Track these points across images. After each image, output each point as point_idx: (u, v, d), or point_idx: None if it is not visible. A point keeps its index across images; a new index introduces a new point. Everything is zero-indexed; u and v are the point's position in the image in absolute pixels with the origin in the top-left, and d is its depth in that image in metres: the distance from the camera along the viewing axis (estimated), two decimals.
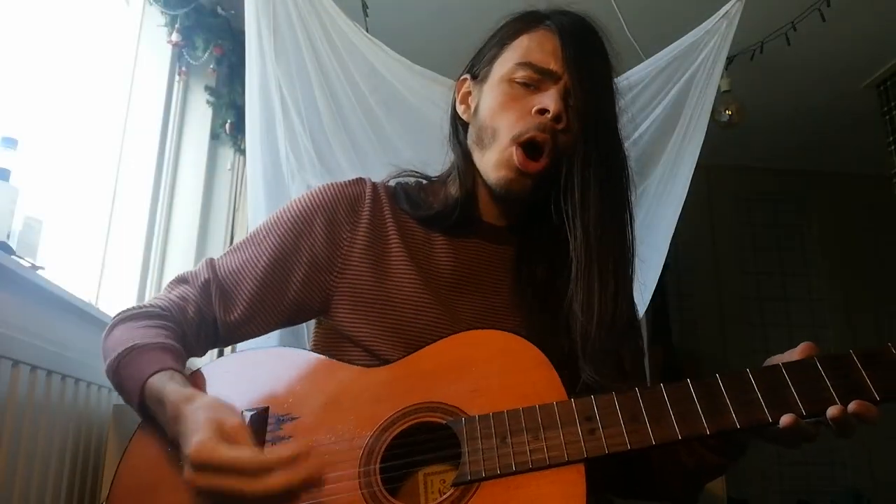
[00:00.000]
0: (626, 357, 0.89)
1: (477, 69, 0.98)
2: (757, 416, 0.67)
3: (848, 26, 2.85)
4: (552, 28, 0.92)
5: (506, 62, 0.93)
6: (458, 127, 1.00)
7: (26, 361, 1.26)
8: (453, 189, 0.97)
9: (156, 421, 0.80)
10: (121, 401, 1.69)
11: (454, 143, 1.00)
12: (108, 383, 1.66)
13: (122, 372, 0.83)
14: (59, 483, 1.39)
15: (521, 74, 0.90)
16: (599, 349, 0.82)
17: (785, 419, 0.66)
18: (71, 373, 1.46)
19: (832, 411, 0.65)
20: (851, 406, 0.65)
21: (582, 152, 0.86)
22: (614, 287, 0.85)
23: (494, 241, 0.97)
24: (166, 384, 0.79)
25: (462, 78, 1.01)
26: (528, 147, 0.89)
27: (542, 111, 0.87)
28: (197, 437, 0.70)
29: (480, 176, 0.94)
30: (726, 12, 2.03)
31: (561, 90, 0.88)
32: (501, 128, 0.90)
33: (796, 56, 2.92)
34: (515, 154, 0.88)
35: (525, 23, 0.95)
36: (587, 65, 0.88)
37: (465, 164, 0.96)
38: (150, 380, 0.80)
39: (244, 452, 0.69)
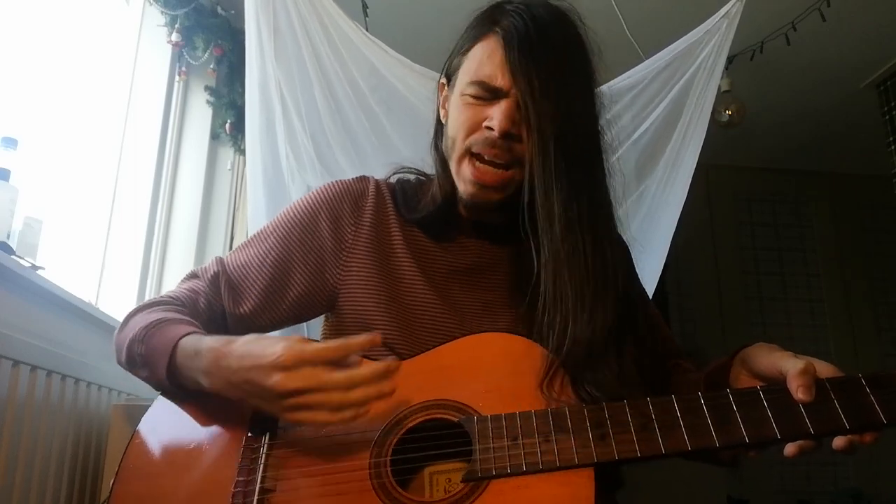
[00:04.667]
0: (625, 363, 0.84)
1: (449, 73, 0.98)
2: (766, 434, 0.69)
3: (848, 26, 2.85)
4: (500, 36, 0.88)
5: (463, 75, 0.92)
6: (439, 132, 1.00)
7: (26, 361, 1.27)
8: (437, 191, 0.97)
9: (182, 389, 0.81)
10: (121, 400, 1.72)
11: (433, 147, 1.01)
12: (108, 383, 1.68)
13: (150, 342, 0.82)
14: (59, 483, 1.39)
15: (472, 91, 0.89)
16: (581, 366, 0.79)
17: (790, 449, 0.70)
18: (71, 373, 1.46)
19: (838, 442, 0.68)
20: (848, 438, 0.68)
21: (541, 166, 0.83)
22: (589, 311, 0.81)
23: (489, 238, 0.97)
24: (202, 338, 0.80)
25: (441, 82, 1.00)
26: (480, 159, 0.88)
27: (490, 127, 0.86)
28: (280, 344, 0.72)
29: None
30: (726, 12, 2.03)
31: (510, 105, 0.85)
32: (458, 139, 0.90)
33: (796, 56, 2.93)
34: (469, 168, 0.89)
35: (480, 27, 0.92)
36: (538, 73, 0.83)
37: (443, 170, 0.96)
38: (186, 338, 0.80)
39: (330, 344, 0.74)
